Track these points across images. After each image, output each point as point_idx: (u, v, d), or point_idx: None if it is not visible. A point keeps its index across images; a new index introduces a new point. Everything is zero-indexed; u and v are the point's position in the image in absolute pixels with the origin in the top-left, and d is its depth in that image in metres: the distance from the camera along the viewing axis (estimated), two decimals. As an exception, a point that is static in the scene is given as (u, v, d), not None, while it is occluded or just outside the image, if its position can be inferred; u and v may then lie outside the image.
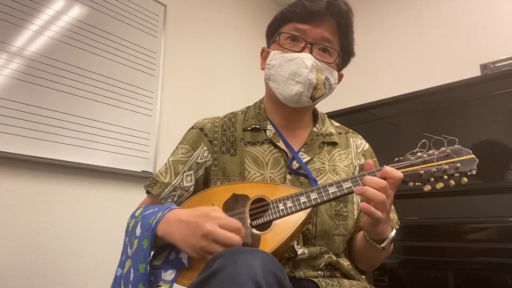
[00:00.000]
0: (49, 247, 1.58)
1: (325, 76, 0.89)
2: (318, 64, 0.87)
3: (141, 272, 0.73)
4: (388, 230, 0.80)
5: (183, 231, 0.72)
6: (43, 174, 1.61)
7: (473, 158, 0.75)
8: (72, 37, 1.73)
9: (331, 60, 0.91)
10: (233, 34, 2.64)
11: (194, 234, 0.70)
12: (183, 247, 0.72)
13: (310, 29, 0.88)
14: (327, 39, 0.89)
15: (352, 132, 1.04)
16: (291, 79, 0.88)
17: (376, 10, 2.67)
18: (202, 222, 0.69)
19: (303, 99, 0.89)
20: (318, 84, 0.88)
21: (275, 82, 0.91)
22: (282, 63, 0.89)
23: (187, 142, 0.94)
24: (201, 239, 0.68)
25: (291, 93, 0.88)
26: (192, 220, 0.71)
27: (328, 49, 0.90)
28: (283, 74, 0.89)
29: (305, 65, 0.86)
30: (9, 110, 1.50)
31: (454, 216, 1.49)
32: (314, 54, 0.88)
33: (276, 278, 0.57)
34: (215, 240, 0.68)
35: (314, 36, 0.88)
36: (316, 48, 0.89)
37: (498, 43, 2.07)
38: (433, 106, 1.75)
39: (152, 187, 0.89)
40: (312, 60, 0.86)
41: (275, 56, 0.91)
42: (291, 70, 0.87)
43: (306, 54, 0.87)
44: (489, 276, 1.49)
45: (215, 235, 0.68)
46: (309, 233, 0.85)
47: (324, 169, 0.92)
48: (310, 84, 0.87)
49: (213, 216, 0.70)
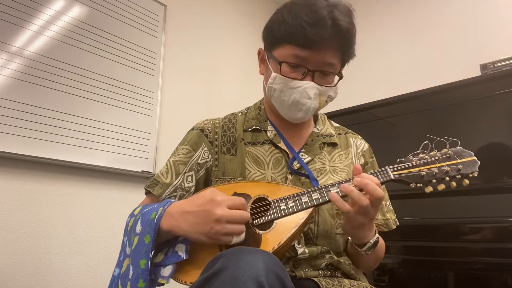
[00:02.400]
0: (49, 247, 1.58)
1: (327, 96, 0.89)
2: (320, 89, 0.86)
3: (141, 268, 0.73)
4: (370, 235, 0.81)
5: (192, 221, 0.72)
6: (43, 174, 1.61)
7: (475, 160, 0.76)
8: (72, 37, 1.73)
9: (333, 83, 0.89)
10: (233, 34, 2.64)
11: (205, 221, 0.71)
12: (196, 236, 0.73)
13: (311, 56, 0.84)
14: (329, 64, 0.86)
15: (351, 133, 1.05)
16: (294, 106, 0.87)
17: (376, 10, 2.67)
18: (210, 208, 0.71)
19: (306, 119, 0.92)
20: (321, 106, 0.91)
21: (278, 104, 0.91)
22: (284, 89, 0.87)
23: (187, 143, 0.95)
24: (215, 224, 0.70)
25: (295, 117, 0.90)
26: (199, 209, 0.73)
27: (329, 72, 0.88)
28: (285, 100, 0.88)
29: (308, 96, 0.86)
30: (9, 110, 1.50)
31: (454, 216, 1.50)
32: (316, 79, 0.86)
33: (278, 278, 0.57)
34: (228, 221, 0.70)
35: (315, 63, 0.85)
36: (318, 73, 0.86)
37: (498, 43, 2.07)
38: (433, 106, 1.75)
39: (153, 187, 0.89)
40: (315, 89, 0.86)
41: (277, 81, 0.88)
42: (294, 98, 0.86)
43: (309, 83, 0.85)
44: (489, 276, 1.49)
45: (227, 216, 0.70)
46: (311, 232, 0.85)
47: (324, 169, 0.92)
48: (313, 110, 0.89)
49: (219, 200, 0.72)
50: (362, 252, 0.82)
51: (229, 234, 0.70)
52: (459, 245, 1.46)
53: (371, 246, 0.81)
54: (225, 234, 0.70)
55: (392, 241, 1.58)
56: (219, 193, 0.74)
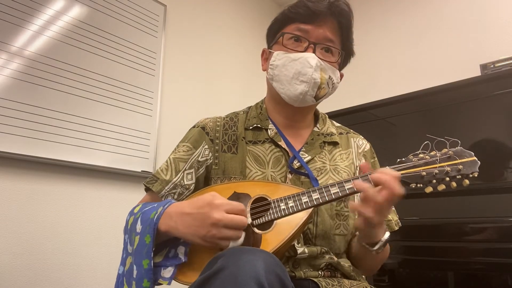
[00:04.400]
0: (49, 247, 1.58)
1: (328, 75, 0.90)
2: (321, 64, 0.88)
3: (145, 268, 0.73)
4: (381, 233, 0.80)
5: (189, 223, 0.72)
6: (43, 174, 1.61)
7: (475, 161, 0.75)
8: (72, 37, 1.73)
9: (334, 60, 0.91)
10: (233, 34, 2.64)
11: (202, 224, 0.70)
12: (192, 239, 0.72)
13: (313, 29, 0.89)
14: (329, 39, 0.90)
15: (353, 133, 1.05)
16: (296, 79, 0.88)
17: (376, 10, 2.67)
18: (208, 211, 0.71)
19: (307, 98, 0.89)
20: (322, 83, 0.89)
21: (279, 82, 0.91)
22: (286, 63, 0.89)
23: (188, 140, 0.95)
24: (211, 228, 0.70)
25: (296, 93, 0.88)
26: (197, 211, 0.72)
27: (330, 49, 0.91)
28: (287, 74, 0.89)
29: (309, 65, 0.87)
30: (9, 110, 1.50)
31: (454, 216, 1.49)
32: (317, 54, 0.88)
33: (279, 278, 0.57)
34: (225, 225, 0.70)
35: (317, 36, 0.89)
36: (319, 48, 0.89)
37: (498, 43, 2.07)
38: (433, 106, 1.75)
39: (153, 184, 0.89)
40: (316, 59, 0.87)
41: (279, 56, 0.91)
42: (296, 70, 0.88)
43: (310, 54, 0.88)
44: (489, 276, 1.49)
45: (225, 221, 0.69)
46: (309, 232, 0.85)
47: (325, 168, 0.92)
48: (314, 84, 0.88)
49: (217, 203, 0.71)
50: (373, 252, 0.80)
51: (225, 239, 0.70)
52: (459, 245, 1.46)
53: (383, 245, 0.80)
54: (221, 238, 0.70)
55: (392, 241, 1.57)
56: (219, 197, 0.74)
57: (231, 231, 0.70)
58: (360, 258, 0.90)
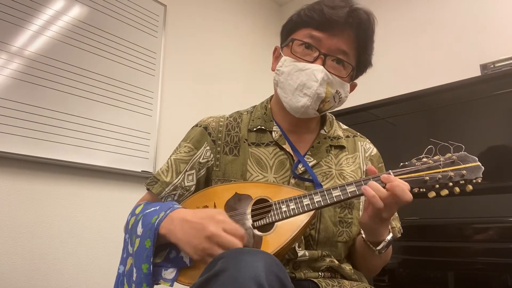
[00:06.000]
0: (49, 247, 1.58)
1: (335, 90, 0.86)
2: (329, 78, 0.84)
3: (144, 272, 0.72)
4: (386, 233, 0.80)
5: (186, 231, 0.71)
6: (43, 174, 1.61)
7: (479, 166, 0.74)
8: (72, 37, 1.72)
9: (344, 74, 0.87)
10: (233, 34, 2.64)
11: (197, 235, 0.69)
12: (185, 247, 0.71)
13: (325, 38, 0.84)
14: (342, 51, 0.85)
15: (360, 136, 1.02)
16: (300, 90, 0.84)
17: (376, 10, 2.64)
18: (207, 223, 0.69)
19: (309, 111, 0.86)
20: (327, 98, 0.85)
21: (283, 90, 0.88)
22: (292, 72, 0.86)
23: (190, 140, 0.93)
24: (204, 241, 0.68)
25: (298, 105, 0.85)
26: (197, 221, 0.71)
27: (342, 61, 0.86)
28: (291, 84, 0.85)
29: (315, 78, 0.83)
30: (9, 110, 1.50)
31: (454, 216, 1.49)
32: (327, 66, 0.84)
33: (279, 279, 0.57)
34: (218, 243, 0.68)
35: (329, 47, 0.84)
36: (329, 59, 0.85)
37: (498, 43, 2.07)
38: (433, 106, 1.75)
39: (153, 185, 0.88)
40: (324, 73, 0.83)
41: (286, 63, 0.87)
42: (301, 81, 0.84)
43: (318, 66, 0.83)
44: (489, 276, 1.49)
45: (219, 238, 0.68)
46: (311, 239, 0.84)
47: (330, 173, 0.90)
48: (318, 98, 0.84)
49: (218, 219, 0.70)
50: (376, 252, 0.80)
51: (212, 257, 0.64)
52: (459, 245, 1.46)
53: (386, 245, 0.79)
54: (210, 255, 0.67)
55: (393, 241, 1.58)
56: (224, 215, 0.72)
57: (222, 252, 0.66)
58: (362, 258, 0.89)
